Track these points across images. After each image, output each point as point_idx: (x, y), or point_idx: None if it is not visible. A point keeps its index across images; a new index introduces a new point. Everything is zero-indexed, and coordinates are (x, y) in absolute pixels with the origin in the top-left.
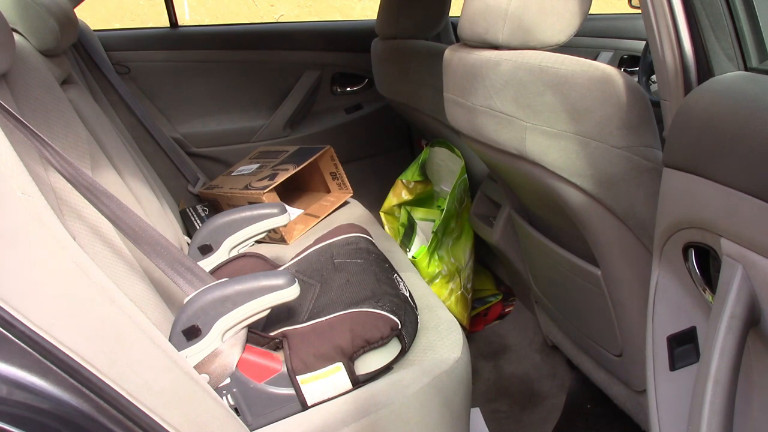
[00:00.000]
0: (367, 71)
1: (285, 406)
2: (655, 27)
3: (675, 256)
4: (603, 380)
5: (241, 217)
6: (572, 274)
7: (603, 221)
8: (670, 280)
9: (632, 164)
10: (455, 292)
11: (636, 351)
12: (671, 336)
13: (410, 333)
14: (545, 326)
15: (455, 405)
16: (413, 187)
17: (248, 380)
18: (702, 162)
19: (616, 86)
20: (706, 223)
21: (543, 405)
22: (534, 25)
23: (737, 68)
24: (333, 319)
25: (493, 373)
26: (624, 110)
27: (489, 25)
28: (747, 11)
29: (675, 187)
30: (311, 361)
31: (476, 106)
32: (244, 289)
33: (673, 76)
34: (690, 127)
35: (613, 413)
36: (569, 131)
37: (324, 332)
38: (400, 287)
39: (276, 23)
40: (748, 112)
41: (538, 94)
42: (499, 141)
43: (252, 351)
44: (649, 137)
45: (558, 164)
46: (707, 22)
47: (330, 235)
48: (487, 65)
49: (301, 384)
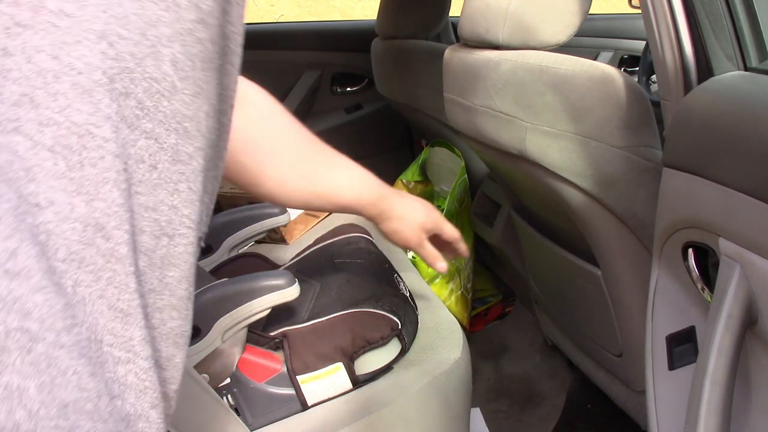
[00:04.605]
0: (367, 71)
1: (285, 406)
2: (655, 27)
3: (674, 255)
4: (603, 380)
5: (241, 217)
6: (572, 274)
7: (603, 221)
8: (669, 280)
9: (632, 164)
10: (455, 292)
11: (636, 351)
12: (670, 335)
13: (410, 333)
14: (545, 326)
15: (455, 405)
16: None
17: (248, 380)
18: (701, 162)
19: (616, 86)
20: (705, 222)
21: (543, 405)
22: (534, 25)
23: (737, 68)
24: (333, 319)
25: (493, 373)
26: (624, 110)
27: (489, 24)
28: (747, 11)
29: (674, 187)
30: (311, 361)
31: (476, 106)
32: (244, 289)
33: (673, 76)
34: (689, 126)
35: (613, 413)
36: (569, 131)
37: (324, 332)
38: (400, 287)
39: (276, 23)
40: (748, 111)
41: (538, 94)
42: (499, 141)
43: (252, 351)
44: (649, 137)
45: (558, 164)
46: (707, 22)
47: (330, 235)
48: (487, 65)
49: (301, 384)
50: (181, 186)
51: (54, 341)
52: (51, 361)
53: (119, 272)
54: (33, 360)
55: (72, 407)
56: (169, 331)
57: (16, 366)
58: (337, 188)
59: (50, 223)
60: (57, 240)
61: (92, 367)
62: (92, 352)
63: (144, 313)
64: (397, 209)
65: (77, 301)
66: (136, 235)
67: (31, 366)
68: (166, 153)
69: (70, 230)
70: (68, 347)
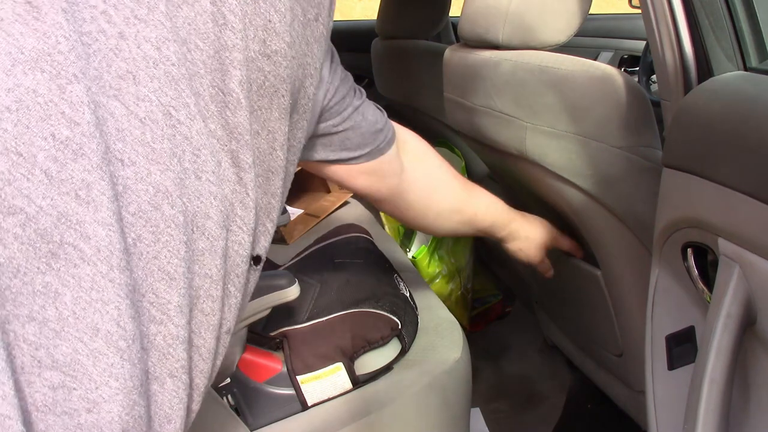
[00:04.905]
0: (367, 71)
1: (285, 406)
2: (655, 27)
3: (674, 255)
4: (603, 380)
5: None
6: (572, 274)
7: (603, 221)
8: (669, 280)
9: (632, 164)
10: (455, 292)
11: (636, 351)
12: (670, 335)
13: (410, 333)
14: (545, 326)
15: (455, 405)
16: None
17: (248, 380)
18: (701, 162)
19: (616, 86)
20: (704, 222)
21: (543, 405)
22: (534, 25)
23: (737, 68)
24: (333, 319)
25: (493, 373)
26: (624, 110)
27: (489, 24)
28: (747, 11)
29: (674, 187)
30: (311, 361)
31: (476, 106)
32: None
33: (673, 76)
34: (689, 126)
35: (614, 413)
36: (569, 131)
37: (324, 332)
38: (400, 287)
39: None
40: (747, 111)
41: (538, 94)
42: (499, 141)
43: (252, 351)
44: (649, 137)
45: (558, 164)
46: (707, 22)
47: (330, 235)
48: (487, 65)
49: (301, 384)
50: (238, 188)
51: (105, 273)
52: (95, 285)
53: (175, 238)
54: (77, 275)
55: (102, 335)
56: (204, 318)
57: (60, 273)
58: (478, 215)
59: (129, 179)
60: (131, 195)
61: (135, 312)
62: (136, 301)
63: (187, 283)
64: (523, 230)
65: (135, 253)
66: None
67: (74, 279)
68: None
69: (144, 191)
70: (117, 284)
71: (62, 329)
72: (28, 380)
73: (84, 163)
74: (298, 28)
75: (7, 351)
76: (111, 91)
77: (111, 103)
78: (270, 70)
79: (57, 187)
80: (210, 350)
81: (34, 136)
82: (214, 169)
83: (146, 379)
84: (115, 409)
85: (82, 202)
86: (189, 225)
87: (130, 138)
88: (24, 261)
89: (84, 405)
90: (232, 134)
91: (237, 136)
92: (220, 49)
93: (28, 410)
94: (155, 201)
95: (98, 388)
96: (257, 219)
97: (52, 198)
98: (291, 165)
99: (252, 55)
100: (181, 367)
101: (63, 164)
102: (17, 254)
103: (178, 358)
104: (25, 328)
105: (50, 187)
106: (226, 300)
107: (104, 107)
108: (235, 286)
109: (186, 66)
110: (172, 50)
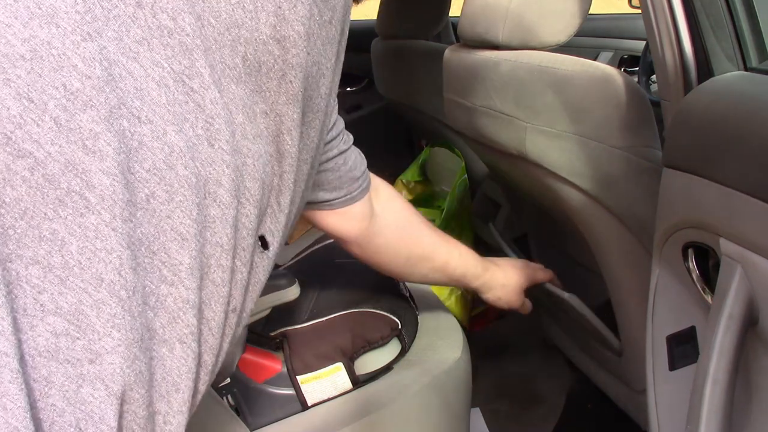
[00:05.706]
0: (367, 71)
1: (285, 406)
2: (655, 27)
3: (674, 256)
4: (603, 380)
5: None
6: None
7: (603, 221)
8: (669, 280)
9: (632, 164)
10: (455, 292)
11: (636, 351)
12: (671, 336)
13: (410, 333)
14: (545, 326)
15: (455, 405)
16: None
17: (248, 380)
18: (701, 162)
19: (616, 86)
20: (705, 223)
21: (543, 405)
22: (534, 25)
23: (737, 68)
24: (333, 319)
25: (493, 373)
26: (624, 110)
27: (489, 24)
28: (747, 11)
29: (674, 187)
30: (311, 361)
31: (476, 106)
32: None
33: (673, 76)
34: (689, 127)
35: (614, 413)
36: (569, 131)
37: (324, 332)
38: (400, 287)
39: None
40: (748, 111)
41: (538, 94)
42: (499, 141)
43: (252, 351)
44: (649, 137)
45: (558, 164)
46: (707, 22)
47: None
48: (487, 65)
49: (301, 384)
50: (248, 161)
51: (108, 221)
52: (99, 234)
53: (188, 199)
54: (83, 224)
55: (106, 285)
56: (214, 289)
57: (67, 221)
58: (450, 263)
59: (145, 136)
60: (147, 152)
61: (137, 264)
62: (143, 257)
63: (198, 246)
64: (498, 279)
65: (148, 209)
66: (209, 182)
67: (80, 228)
68: (231, 127)
69: (159, 149)
70: (120, 234)
71: (67, 278)
72: (31, 323)
73: (92, 114)
74: (314, 27)
75: (7, 288)
76: (131, 53)
77: (131, 64)
78: (279, 54)
79: (66, 135)
80: (219, 325)
81: (46, 84)
82: (228, 138)
83: (153, 338)
84: (117, 361)
85: (89, 152)
86: (201, 189)
87: (148, 98)
88: (31, 204)
89: (87, 356)
90: (236, 107)
91: (242, 108)
92: (231, 26)
93: (30, 353)
94: (170, 160)
95: (101, 339)
96: (263, 193)
97: (60, 145)
98: (304, 163)
99: (263, 38)
100: (190, 333)
101: (72, 114)
102: (25, 197)
103: (188, 324)
104: (28, 269)
105: (59, 134)
106: (234, 274)
107: (123, 66)
108: (241, 261)
109: (201, 38)
110: (187, 21)
